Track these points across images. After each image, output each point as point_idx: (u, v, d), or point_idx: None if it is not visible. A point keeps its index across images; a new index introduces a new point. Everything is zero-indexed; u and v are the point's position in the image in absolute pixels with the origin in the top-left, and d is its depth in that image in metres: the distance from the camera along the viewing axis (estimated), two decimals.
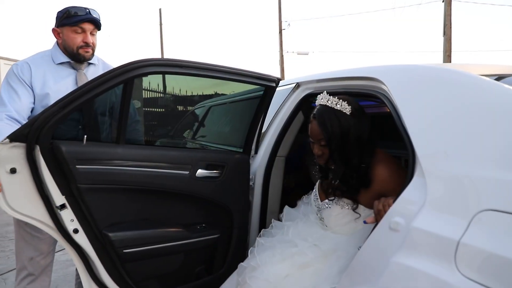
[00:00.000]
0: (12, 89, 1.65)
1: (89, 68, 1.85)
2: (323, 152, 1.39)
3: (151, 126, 2.02)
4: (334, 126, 1.33)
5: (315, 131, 1.38)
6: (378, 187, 1.32)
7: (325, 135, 1.34)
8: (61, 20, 1.74)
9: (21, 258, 1.75)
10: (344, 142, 1.33)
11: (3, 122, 1.54)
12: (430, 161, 0.98)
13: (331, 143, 1.34)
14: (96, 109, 1.52)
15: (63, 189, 1.34)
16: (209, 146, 2.50)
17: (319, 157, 1.41)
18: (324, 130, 1.33)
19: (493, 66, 1.44)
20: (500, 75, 1.29)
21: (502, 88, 0.96)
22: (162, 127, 2.05)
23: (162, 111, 2.27)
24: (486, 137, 0.89)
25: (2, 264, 3.17)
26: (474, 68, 1.43)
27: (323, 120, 1.34)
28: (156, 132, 1.95)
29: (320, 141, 1.37)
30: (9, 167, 1.30)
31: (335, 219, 1.42)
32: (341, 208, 1.40)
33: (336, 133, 1.33)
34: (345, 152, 1.34)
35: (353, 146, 1.33)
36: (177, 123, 2.45)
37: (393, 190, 1.29)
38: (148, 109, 2.06)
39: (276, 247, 1.45)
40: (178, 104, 2.37)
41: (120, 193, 1.45)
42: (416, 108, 1.13)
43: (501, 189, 0.80)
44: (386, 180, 1.31)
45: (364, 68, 1.53)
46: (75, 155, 1.30)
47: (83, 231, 1.41)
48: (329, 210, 1.43)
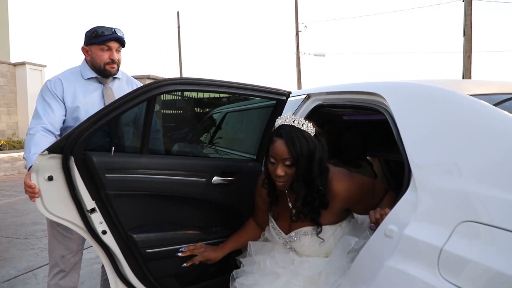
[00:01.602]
0: (46, 103, 1.82)
1: (114, 82, 2.01)
2: (286, 173, 1.34)
3: (170, 135, 2.16)
4: (302, 146, 1.31)
5: (281, 150, 1.32)
6: (339, 204, 1.38)
7: (293, 155, 1.30)
8: (89, 39, 1.91)
9: (53, 256, 1.93)
10: (310, 164, 1.32)
11: (39, 133, 1.72)
12: (421, 173, 1.08)
13: (297, 163, 1.31)
14: (123, 123, 1.67)
15: (94, 195, 1.50)
16: (224, 151, 2.64)
17: (280, 178, 1.35)
18: (293, 150, 1.30)
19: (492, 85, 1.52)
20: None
21: (486, 108, 1.05)
22: (180, 136, 2.20)
23: (179, 120, 2.41)
24: (468, 154, 0.99)
25: (32, 261, 3.39)
26: (475, 86, 1.52)
27: (291, 140, 1.31)
28: (175, 141, 2.09)
29: (285, 160, 1.32)
30: (47, 175, 1.46)
31: (309, 248, 1.44)
32: (310, 236, 1.42)
33: (304, 153, 1.31)
34: (309, 174, 1.33)
35: (316, 167, 1.33)
36: (195, 130, 2.59)
37: (356, 201, 1.41)
38: (167, 118, 2.20)
39: (260, 283, 1.45)
40: (195, 113, 2.51)
41: (143, 199, 1.60)
42: (411, 123, 1.23)
43: (480, 203, 0.90)
44: (344, 195, 1.37)
45: (368, 84, 1.64)
46: (105, 165, 1.46)
47: (110, 233, 1.56)
48: (299, 242, 1.45)
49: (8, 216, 5.01)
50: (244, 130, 2.76)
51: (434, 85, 1.27)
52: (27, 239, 4.02)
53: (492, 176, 0.93)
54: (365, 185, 1.42)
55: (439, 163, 1.05)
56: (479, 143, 0.99)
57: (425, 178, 1.06)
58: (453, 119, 1.10)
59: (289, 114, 1.39)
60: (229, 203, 1.79)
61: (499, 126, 0.99)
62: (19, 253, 3.59)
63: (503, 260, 0.80)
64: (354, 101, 1.70)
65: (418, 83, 1.34)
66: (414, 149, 1.14)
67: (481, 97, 1.15)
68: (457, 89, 1.26)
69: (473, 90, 1.24)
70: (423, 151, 1.12)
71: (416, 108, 1.25)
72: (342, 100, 1.81)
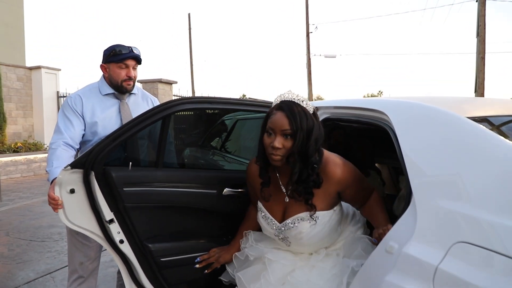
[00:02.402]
0: (67, 119, 1.93)
1: (130, 98, 2.11)
2: (284, 146, 1.34)
3: (183, 147, 2.26)
4: (302, 120, 1.32)
5: (281, 121, 1.33)
6: (333, 187, 1.41)
7: (293, 127, 1.32)
8: (107, 57, 2.01)
9: (72, 262, 2.04)
10: (307, 140, 1.33)
11: (61, 148, 1.83)
12: (420, 193, 1.14)
13: (296, 136, 1.32)
14: (139, 140, 1.77)
15: (112, 206, 1.60)
16: (235, 159, 2.72)
17: (277, 150, 1.34)
18: (294, 122, 1.32)
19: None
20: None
21: (483, 133, 1.11)
22: (192, 147, 2.29)
23: (191, 131, 2.50)
24: (465, 177, 1.05)
25: (50, 263, 3.51)
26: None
27: (292, 113, 1.33)
28: (187, 153, 2.18)
29: (284, 131, 1.33)
30: (69, 188, 1.57)
31: (307, 235, 1.43)
32: (308, 222, 1.42)
33: (303, 127, 1.32)
34: (305, 150, 1.34)
35: (313, 145, 1.35)
36: (205, 137, 2.67)
37: (348, 184, 1.44)
38: (179, 130, 2.29)
39: None
40: (206, 123, 2.59)
41: (158, 210, 1.69)
42: (412, 143, 1.29)
43: (474, 225, 0.96)
44: (338, 177, 1.40)
45: (373, 100, 1.70)
46: (123, 180, 1.56)
47: (127, 242, 1.66)
48: (296, 229, 1.44)
49: (26, 219, 5.18)
50: (254, 138, 2.83)
51: (435, 106, 1.33)
52: (44, 241, 4.16)
53: (486, 199, 0.99)
54: (356, 171, 1.48)
55: (437, 184, 1.12)
56: (474, 167, 1.05)
57: (423, 198, 1.13)
58: (451, 142, 1.16)
59: (290, 91, 1.41)
60: (239, 213, 1.87)
61: (495, 152, 1.05)
62: (37, 255, 3.72)
63: (494, 282, 0.86)
64: (360, 117, 1.76)
65: (420, 104, 1.40)
66: (414, 169, 1.20)
67: (481, 119, 1.21)
68: (458, 110, 1.32)
69: (472, 112, 1.29)
70: (423, 172, 1.19)
71: (417, 129, 1.31)
72: (348, 115, 1.88)
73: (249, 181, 1.63)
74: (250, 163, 1.63)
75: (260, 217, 1.56)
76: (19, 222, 4.99)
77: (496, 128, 1.24)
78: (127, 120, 2.04)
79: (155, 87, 10.21)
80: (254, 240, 1.61)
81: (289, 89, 1.42)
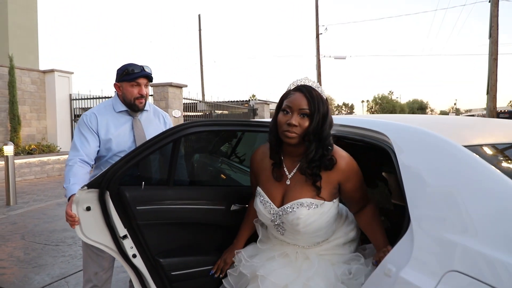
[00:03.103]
0: (83, 136, 2.03)
1: (143, 114, 2.20)
2: (300, 124, 1.40)
3: (192, 164, 2.34)
4: (319, 103, 1.41)
5: (300, 101, 1.41)
6: (337, 175, 1.46)
7: (311, 107, 1.40)
8: (120, 76, 2.10)
9: (87, 272, 2.14)
10: (323, 122, 1.42)
11: (77, 165, 1.92)
12: (417, 220, 1.20)
13: (314, 117, 1.40)
14: (152, 160, 1.86)
15: (126, 223, 1.68)
16: (243, 169, 2.79)
17: (293, 128, 1.40)
18: (312, 103, 1.40)
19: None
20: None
21: (478, 164, 1.17)
22: (201, 162, 2.37)
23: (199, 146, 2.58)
24: (459, 207, 1.11)
25: (64, 268, 3.64)
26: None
27: (311, 94, 1.41)
28: (196, 170, 2.26)
29: (302, 110, 1.40)
30: (86, 206, 1.66)
31: (304, 221, 1.45)
32: (307, 209, 1.45)
33: (320, 110, 1.41)
34: (322, 131, 1.42)
35: (327, 128, 1.44)
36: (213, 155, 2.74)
37: (350, 177, 1.49)
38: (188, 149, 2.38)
39: None
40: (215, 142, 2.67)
41: (169, 226, 1.78)
42: (410, 169, 1.34)
43: (465, 255, 1.02)
44: (344, 167, 1.46)
45: (377, 122, 1.75)
46: (136, 199, 1.64)
47: (139, 256, 1.74)
48: (294, 214, 1.46)
49: (40, 222, 5.34)
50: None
51: (437, 134, 1.37)
52: (58, 246, 4.29)
53: (480, 232, 1.05)
54: (358, 168, 1.54)
55: (434, 216, 1.17)
56: (469, 201, 1.10)
57: (420, 225, 1.18)
58: (446, 171, 1.22)
59: (306, 78, 1.49)
60: None
61: (489, 185, 1.10)
62: (52, 260, 3.85)
63: None
64: (364, 137, 1.82)
65: (418, 129, 1.45)
66: (413, 198, 1.25)
67: (481, 146, 1.26)
68: (461, 136, 1.37)
69: (470, 140, 1.34)
70: (420, 199, 1.24)
71: (415, 154, 1.37)
72: (353, 133, 1.93)
73: (253, 168, 1.67)
74: (255, 150, 1.68)
75: (258, 202, 1.57)
76: (34, 226, 5.15)
77: (495, 157, 1.28)
78: (139, 136, 2.14)
79: (165, 91, 10.34)
80: (247, 257, 1.64)
81: (306, 76, 1.50)
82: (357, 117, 2.01)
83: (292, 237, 1.55)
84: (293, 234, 1.52)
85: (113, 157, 2.09)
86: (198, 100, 13.18)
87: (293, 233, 1.52)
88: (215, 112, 15.29)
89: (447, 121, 1.76)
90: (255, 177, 1.66)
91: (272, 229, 1.59)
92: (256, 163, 1.65)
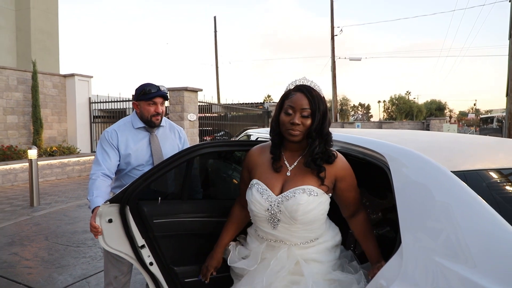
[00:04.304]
0: (104, 152, 2.20)
1: (159, 130, 2.37)
2: (303, 123, 1.49)
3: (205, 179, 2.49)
4: (319, 102, 1.50)
5: (301, 101, 1.49)
6: (334, 170, 1.54)
7: (312, 107, 1.49)
8: (138, 96, 2.27)
9: (108, 276, 2.31)
10: (323, 120, 1.51)
11: (99, 179, 2.10)
12: (407, 240, 1.32)
13: (315, 116, 1.49)
14: (168, 178, 2.02)
15: (143, 234, 1.85)
16: None
17: (297, 126, 1.49)
18: (313, 102, 1.49)
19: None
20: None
21: (462, 191, 1.27)
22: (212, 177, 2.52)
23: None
24: (442, 231, 1.22)
25: (85, 268, 3.85)
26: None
27: (311, 94, 1.50)
28: (208, 185, 2.41)
29: (303, 111, 1.49)
30: (108, 218, 1.83)
31: (303, 208, 1.48)
32: (308, 196, 1.49)
33: (320, 109, 1.50)
34: (322, 128, 1.52)
35: (327, 126, 1.54)
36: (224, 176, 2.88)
37: (344, 176, 1.58)
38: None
39: None
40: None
41: (182, 237, 1.93)
42: (403, 193, 1.45)
43: (448, 276, 1.13)
44: (341, 165, 1.57)
45: (377, 143, 1.84)
46: (153, 213, 1.81)
47: (156, 264, 1.90)
48: (294, 200, 1.48)
49: (62, 223, 5.60)
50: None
51: (431, 160, 1.46)
52: (79, 247, 4.53)
53: (464, 258, 1.15)
54: (352, 171, 1.63)
55: (423, 239, 1.28)
56: (455, 229, 1.20)
57: (409, 245, 1.30)
58: (432, 195, 1.33)
59: (305, 78, 1.57)
60: None
61: (473, 212, 1.21)
62: (73, 261, 4.07)
63: None
64: (365, 155, 1.93)
65: (413, 153, 1.56)
66: (405, 220, 1.36)
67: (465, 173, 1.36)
68: (448, 160, 1.47)
69: (462, 165, 1.44)
70: (409, 221, 1.35)
71: (406, 178, 1.48)
72: (355, 151, 2.05)
73: (249, 163, 1.69)
74: (252, 148, 1.73)
75: (253, 192, 1.57)
76: (56, 227, 5.41)
77: (481, 183, 1.38)
78: (156, 150, 2.30)
79: (181, 95, 10.57)
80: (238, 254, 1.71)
81: (304, 76, 1.58)
82: (359, 136, 2.12)
83: (285, 230, 1.54)
84: (288, 225, 1.52)
85: (132, 171, 2.27)
86: (213, 103, 13.40)
87: (288, 223, 1.52)
88: (230, 114, 15.50)
89: (459, 142, 1.83)
90: (249, 172, 1.68)
91: (263, 223, 1.58)
92: (252, 157, 1.68)
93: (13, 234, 5.06)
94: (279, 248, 1.58)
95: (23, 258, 4.17)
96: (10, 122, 10.53)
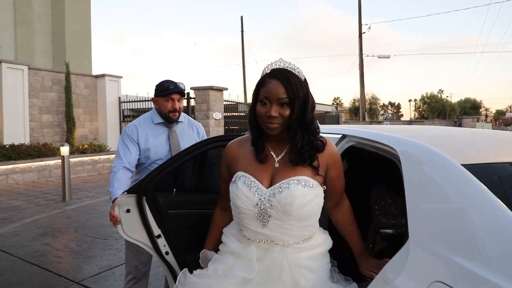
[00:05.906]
0: (125, 146, 2.30)
1: (178, 125, 2.45)
2: (280, 115, 1.30)
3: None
4: (298, 88, 1.29)
5: (277, 90, 1.28)
6: (325, 158, 1.39)
7: (290, 95, 1.28)
8: (157, 92, 2.36)
9: (129, 265, 2.42)
10: (304, 107, 1.31)
11: (120, 171, 2.20)
12: (414, 234, 1.31)
13: (294, 104, 1.29)
14: (183, 169, 2.09)
15: (159, 224, 1.92)
16: None
17: (274, 119, 1.29)
18: (291, 90, 1.28)
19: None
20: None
21: (471, 182, 1.25)
22: None
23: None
24: (443, 225, 1.21)
25: (111, 260, 4.01)
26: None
27: (288, 80, 1.29)
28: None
29: (280, 100, 1.29)
30: (126, 208, 1.92)
31: (299, 200, 1.30)
32: (303, 188, 1.32)
33: (300, 95, 1.29)
34: (303, 118, 1.32)
35: (310, 112, 1.33)
36: None
37: (334, 163, 1.43)
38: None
39: None
40: None
41: (196, 228, 1.99)
42: (412, 186, 1.44)
43: (448, 267, 1.13)
44: (331, 151, 1.42)
45: (389, 137, 1.84)
46: (168, 204, 1.88)
47: (171, 253, 1.97)
48: (288, 192, 1.30)
49: (91, 217, 5.85)
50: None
51: (441, 153, 1.45)
52: (106, 239, 4.71)
53: (467, 249, 1.14)
54: (340, 159, 1.50)
55: (429, 231, 1.27)
56: (461, 223, 1.19)
57: (416, 239, 1.29)
58: (442, 189, 1.31)
59: (281, 59, 1.36)
60: None
61: (478, 205, 1.19)
62: (100, 252, 4.25)
63: None
64: (379, 150, 1.92)
65: (424, 146, 1.54)
66: (413, 213, 1.36)
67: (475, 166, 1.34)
68: (460, 153, 1.45)
69: (472, 158, 1.41)
70: (417, 214, 1.35)
71: (415, 171, 1.46)
72: (370, 146, 2.04)
73: (228, 157, 1.49)
74: (231, 142, 1.53)
75: (239, 185, 1.36)
76: (86, 220, 5.65)
77: (492, 177, 1.35)
78: (175, 145, 2.38)
79: (207, 94, 10.74)
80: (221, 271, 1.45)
81: (280, 57, 1.38)
82: (374, 131, 2.10)
83: (278, 228, 1.33)
84: (281, 221, 1.32)
85: (151, 164, 2.35)
86: (239, 102, 13.52)
87: (281, 220, 1.32)
88: None
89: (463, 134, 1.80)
90: (229, 167, 1.48)
91: (250, 220, 1.36)
92: (231, 150, 1.48)
93: (46, 226, 5.33)
94: (271, 250, 1.35)
95: (54, 248, 4.40)
96: (45, 121, 11.06)
